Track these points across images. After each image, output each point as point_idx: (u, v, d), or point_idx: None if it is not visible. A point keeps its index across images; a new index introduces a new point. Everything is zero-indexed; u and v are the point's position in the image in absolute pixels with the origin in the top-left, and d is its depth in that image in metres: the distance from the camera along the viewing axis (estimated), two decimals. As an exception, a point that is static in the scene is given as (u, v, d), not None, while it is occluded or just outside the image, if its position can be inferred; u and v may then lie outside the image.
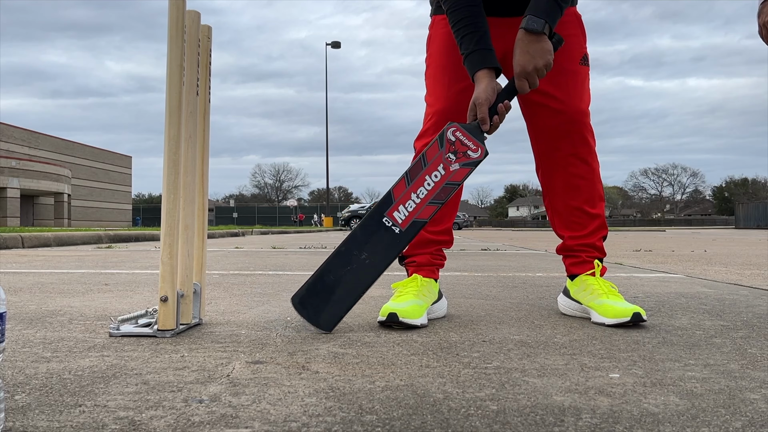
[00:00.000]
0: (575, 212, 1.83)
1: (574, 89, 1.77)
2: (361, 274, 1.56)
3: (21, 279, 2.96)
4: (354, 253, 1.56)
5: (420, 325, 1.59)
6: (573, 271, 1.85)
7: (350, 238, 1.59)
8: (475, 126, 1.59)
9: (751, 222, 37.35)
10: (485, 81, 1.60)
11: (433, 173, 1.57)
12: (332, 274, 1.56)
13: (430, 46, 1.88)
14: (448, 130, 1.59)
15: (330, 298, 1.54)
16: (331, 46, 31.10)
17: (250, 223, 44.57)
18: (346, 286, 1.55)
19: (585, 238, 1.83)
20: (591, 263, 1.82)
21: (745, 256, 5.51)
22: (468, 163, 1.58)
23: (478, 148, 1.58)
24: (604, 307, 1.65)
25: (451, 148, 1.58)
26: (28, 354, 1.27)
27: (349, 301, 1.55)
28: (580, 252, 1.84)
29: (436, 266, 1.85)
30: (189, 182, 1.53)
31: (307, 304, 1.55)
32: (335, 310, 1.53)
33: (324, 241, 9.82)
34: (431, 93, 1.84)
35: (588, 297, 1.74)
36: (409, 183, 1.57)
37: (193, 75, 1.54)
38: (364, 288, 1.57)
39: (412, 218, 1.56)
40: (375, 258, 1.56)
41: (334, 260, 1.57)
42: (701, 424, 0.85)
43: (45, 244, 7.36)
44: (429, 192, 1.57)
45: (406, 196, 1.57)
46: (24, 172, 27.77)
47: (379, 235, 1.57)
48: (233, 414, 0.88)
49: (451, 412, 0.90)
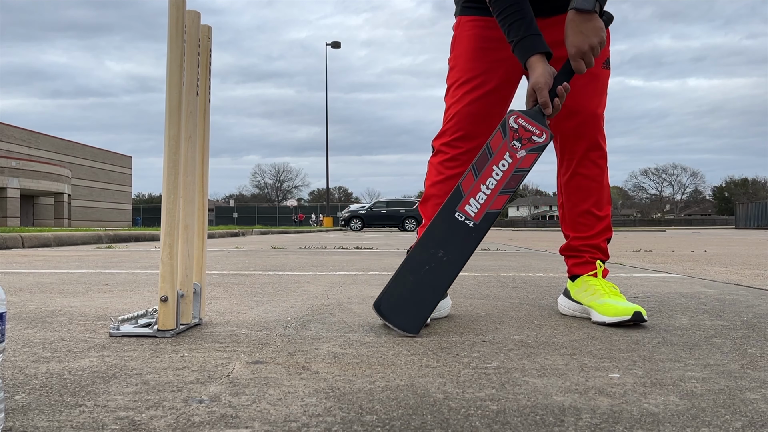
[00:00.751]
0: (583, 214, 1.85)
1: (593, 92, 1.78)
2: (440, 273, 1.54)
3: (21, 279, 2.96)
4: (431, 252, 1.54)
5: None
6: (575, 271, 1.85)
7: (424, 237, 1.57)
8: (536, 111, 1.59)
9: (751, 222, 37.34)
10: (540, 65, 1.59)
11: (500, 162, 1.57)
12: (411, 276, 1.54)
13: (455, 47, 1.87)
14: (510, 118, 1.59)
15: (412, 300, 1.52)
16: (331, 46, 31.09)
17: (250, 223, 44.57)
18: (428, 286, 1.53)
19: (590, 239, 1.84)
20: (593, 264, 1.83)
21: (745, 256, 5.51)
22: (534, 148, 1.57)
23: (542, 133, 1.58)
24: (605, 306, 1.66)
25: (515, 135, 1.58)
26: (28, 354, 1.27)
27: (432, 300, 1.52)
28: (583, 252, 1.85)
29: None
30: (189, 182, 1.53)
31: (391, 309, 1.52)
32: (420, 311, 1.50)
33: (324, 241, 9.82)
34: (453, 95, 1.84)
35: (589, 297, 1.74)
36: (477, 175, 1.56)
37: (193, 75, 1.54)
38: (446, 286, 1.54)
39: (485, 210, 1.55)
40: (452, 254, 1.54)
41: (411, 262, 1.55)
42: (701, 424, 0.85)
43: (45, 244, 7.36)
44: (499, 182, 1.56)
45: (476, 188, 1.56)
46: (24, 172, 27.77)
47: (453, 231, 1.55)
48: (233, 414, 0.88)
49: (451, 412, 0.90)
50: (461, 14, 1.87)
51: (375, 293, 2.40)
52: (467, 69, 1.81)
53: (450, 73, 1.87)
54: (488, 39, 1.79)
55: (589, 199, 1.83)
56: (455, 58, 1.86)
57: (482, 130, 1.80)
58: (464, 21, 1.85)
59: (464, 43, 1.83)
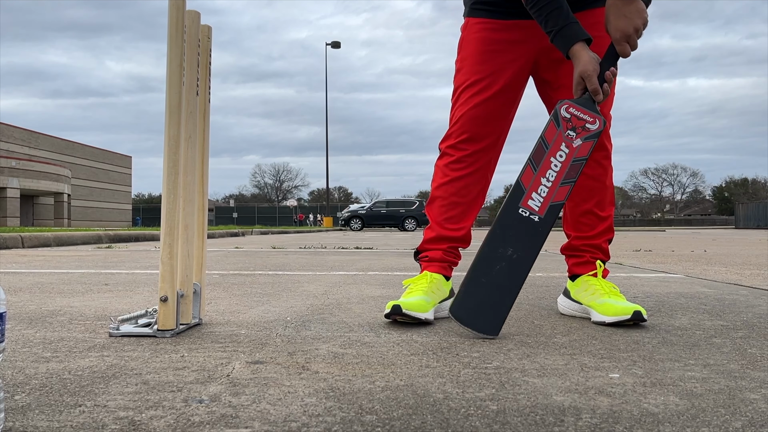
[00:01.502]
0: (585, 215, 1.85)
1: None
2: (512, 271, 1.52)
3: (21, 279, 2.96)
4: (499, 252, 1.53)
5: (424, 319, 1.59)
6: (575, 271, 1.85)
7: (491, 237, 1.56)
8: (586, 98, 1.59)
9: (751, 222, 37.35)
10: (585, 53, 1.58)
11: (557, 154, 1.56)
12: (484, 278, 1.53)
13: (463, 49, 1.86)
14: (561, 108, 1.58)
15: (489, 302, 1.50)
16: (331, 46, 31.10)
17: (250, 223, 44.57)
18: (501, 285, 1.51)
19: (591, 239, 1.84)
20: (593, 264, 1.83)
21: (745, 256, 5.51)
22: (589, 136, 1.57)
23: (595, 119, 1.57)
24: (605, 306, 1.66)
25: (569, 125, 1.57)
26: (28, 354, 1.27)
27: (508, 300, 1.51)
28: (584, 252, 1.85)
29: (448, 263, 1.85)
30: (189, 182, 1.53)
31: (469, 314, 1.50)
32: (497, 312, 1.49)
33: (324, 241, 9.82)
34: (459, 97, 1.83)
35: (589, 297, 1.74)
36: (535, 169, 1.55)
37: (193, 75, 1.54)
38: (520, 283, 1.53)
39: (549, 202, 1.54)
40: (521, 251, 1.53)
41: (481, 263, 1.54)
42: (701, 424, 0.85)
43: (45, 244, 7.36)
44: (558, 173, 1.55)
45: (537, 182, 1.55)
46: (24, 172, 27.78)
47: (519, 227, 1.54)
48: (233, 414, 0.88)
49: (451, 412, 0.90)
50: (469, 15, 1.86)
51: (375, 293, 2.41)
52: (474, 71, 1.80)
53: (457, 75, 1.86)
54: (496, 41, 1.79)
55: (592, 199, 1.83)
56: (462, 60, 1.85)
57: (488, 132, 1.80)
58: (472, 23, 1.84)
59: (472, 46, 1.82)
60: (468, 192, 1.83)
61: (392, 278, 3.13)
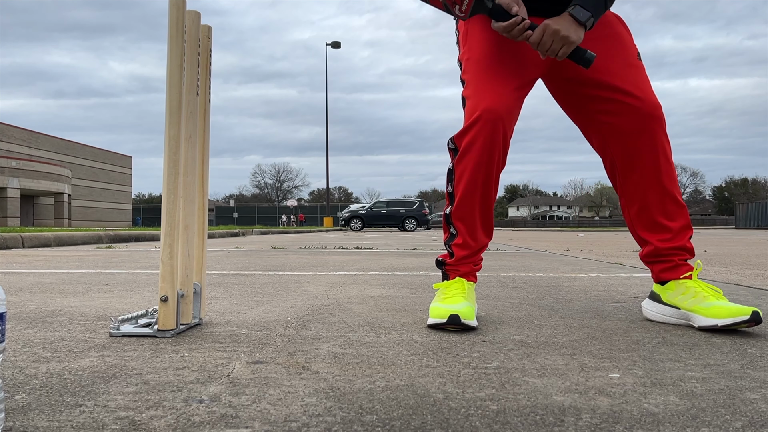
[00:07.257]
0: (667, 200, 1.73)
1: (647, 83, 1.73)
2: None
3: (21, 279, 2.96)
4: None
5: (475, 327, 1.57)
6: (665, 277, 1.73)
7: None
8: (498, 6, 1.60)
9: (751, 222, 37.33)
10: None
11: None
12: None
13: (468, 42, 1.81)
14: None
15: None
16: (331, 46, 31.08)
17: (250, 223, 44.59)
18: None
19: (674, 240, 1.72)
20: (687, 266, 1.71)
21: (745, 256, 5.51)
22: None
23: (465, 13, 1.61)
24: (714, 309, 1.54)
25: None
26: (28, 354, 1.27)
27: None
28: (671, 256, 1.72)
29: (476, 270, 1.83)
30: (189, 182, 1.53)
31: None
32: None
33: (324, 241, 9.82)
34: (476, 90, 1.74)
35: (690, 300, 1.62)
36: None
37: (193, 75, 1.54)
38: None
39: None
40: None
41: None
42: (701, 424, 0.85)
43: (45, 244, 7.36)
44: None
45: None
46: (24, 172, 27.78)
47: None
48: (233, 414, 0.88)
49: (451, 412, 0.90)
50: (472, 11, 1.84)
51: (375, 293, 2.40)
52: (487, 66, 1.75)
53: (467, 67, 1.80)
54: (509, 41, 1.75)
55: (674, 187, 1.74)
56: (469, 51, 1.80)
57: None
58: (476, 18, 1.80)
59: (479, 38, 1.78)
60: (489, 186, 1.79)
61: (393, 278, 3.13)
